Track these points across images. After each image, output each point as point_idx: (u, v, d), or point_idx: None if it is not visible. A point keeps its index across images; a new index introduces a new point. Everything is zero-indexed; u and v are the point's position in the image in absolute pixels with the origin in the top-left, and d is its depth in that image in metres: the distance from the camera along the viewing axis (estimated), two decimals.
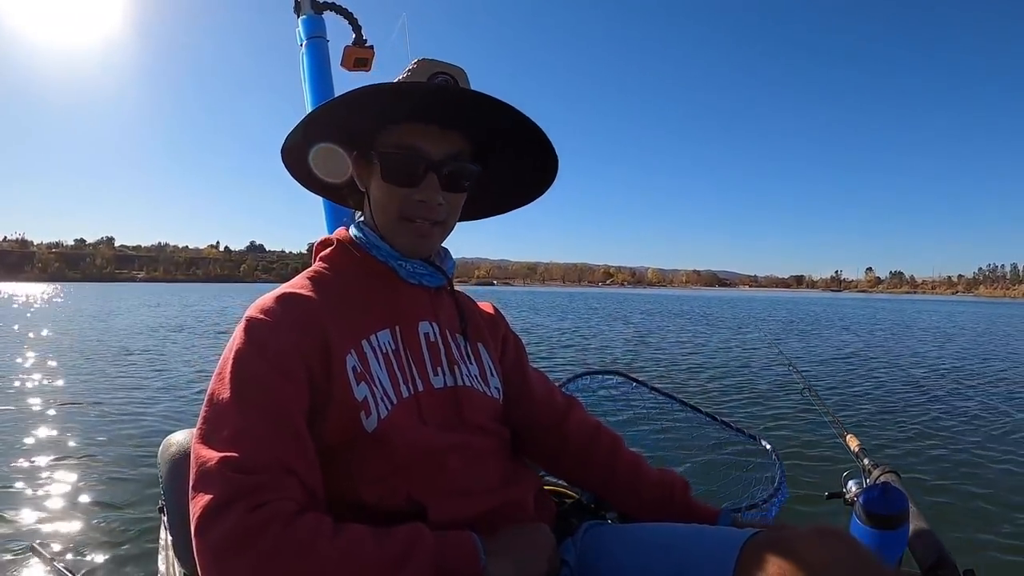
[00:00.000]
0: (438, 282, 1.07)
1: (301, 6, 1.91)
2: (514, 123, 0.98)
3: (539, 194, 1.16)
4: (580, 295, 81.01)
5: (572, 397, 1.29)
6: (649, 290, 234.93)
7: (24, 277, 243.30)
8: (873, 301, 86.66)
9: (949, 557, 0.95)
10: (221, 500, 0.73)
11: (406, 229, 0.99)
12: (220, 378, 0.84)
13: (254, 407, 0.81)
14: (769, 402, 7.28)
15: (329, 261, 1.04)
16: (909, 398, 8.05)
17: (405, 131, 0.96)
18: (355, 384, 0.90)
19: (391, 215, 0.98)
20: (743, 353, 12.86)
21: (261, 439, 0.79)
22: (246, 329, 0.87)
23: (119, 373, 8.69)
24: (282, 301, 0.91)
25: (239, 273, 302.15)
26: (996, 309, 56.06)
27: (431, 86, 0.95)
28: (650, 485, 1.18)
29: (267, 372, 0.84)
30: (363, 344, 0.93)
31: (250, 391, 0.82)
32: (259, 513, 0.72)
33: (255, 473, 0.75)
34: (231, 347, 0.87)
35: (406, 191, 0.96)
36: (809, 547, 0.77)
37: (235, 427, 0.79)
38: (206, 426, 0.80)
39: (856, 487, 1.28)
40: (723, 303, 51.35)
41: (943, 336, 19.33)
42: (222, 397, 0.82)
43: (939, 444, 5.51)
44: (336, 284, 0.99)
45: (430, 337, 1.03)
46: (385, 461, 0.91)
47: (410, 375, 0.97)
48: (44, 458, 4.37)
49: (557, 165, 1.06)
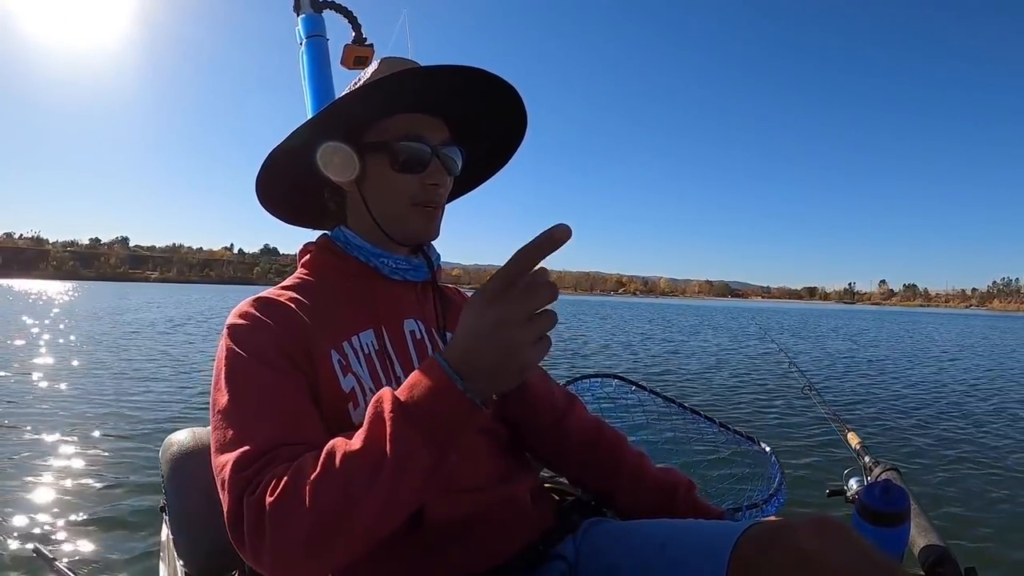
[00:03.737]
0: (422, 276, 1.06)
1: (301, 5, 1.91)
2: (489, 104, 1.04)
3: (507, 159, 1.20)
4: (589, 303, 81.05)
5: (573, 394, 1.27)
6: (661, 299, 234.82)
7: (38, 275, 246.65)
8: (885, 313, 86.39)
9: (950, 555, 0.94)
10: (234, 503, 0.74)
11: (418, 214, 1.00)
12: (216, 386, 0.85)
13: (248, 406, 0.82)
14: (770, 400, 7.28)
15: (308, 266, 1.05)
16: (911, 396, 8.04)
17: (402, 122, 0.98)
18: (342, 376, 0.90)
19: (402, 203, 0.99)
20: (744, 351, 12.87)
21: (256, 433, 0.79)
22: (228, 336, 0.89)
23: (121, 372, 8.74)
24: (257, 305, 0.92)
25: (252, 276, 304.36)
26: (1008, 323, 55.71)
27: (432, 69, 0.95)
28: (654, 484, 1.16)
29: (257, 369, 0.85)
30: (344, 345, 0.93)
31: (241, 392, 0.83)
32: (256, 496, 0.72)
33: (256, 463, 0.76)
34: (219, 355, 0.88)
35: (416, 177, 0.98)
36: (806, 537, 0.75)
37: (235, 431, 0.80)
38: (215, 436, 0.81)
39: (857, 484, 1.26)
40: (736, 313, 51.23)
41: (948, 342, 19.26)
42: (221, 405, 0.83)
43: (941, 442, 5.52)
44: (315, 288, 0.99)
45: (416, 335, 1.03)
46: None
47: (394, 374, 0.96)
48: (45, 458, 4.37)
49: (525, 127, 1.11)
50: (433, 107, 1.00)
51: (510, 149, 1.18)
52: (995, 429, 6.20)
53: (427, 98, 0.98)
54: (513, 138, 1.15)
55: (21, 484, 3.84)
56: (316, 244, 1.06)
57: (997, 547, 3.30)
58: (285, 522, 0.69)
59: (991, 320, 65.96)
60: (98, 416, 5.75)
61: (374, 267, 1.01)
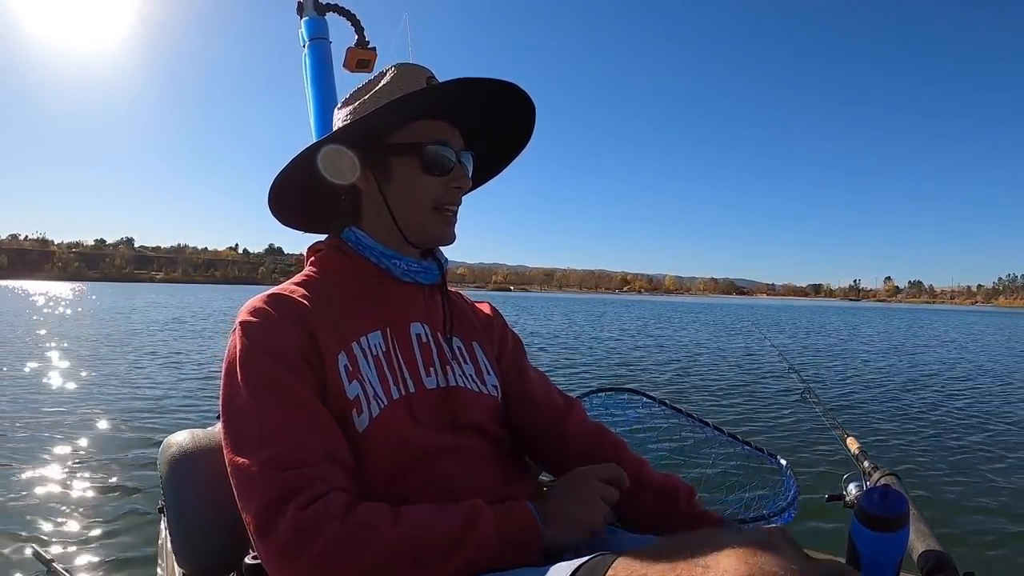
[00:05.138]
0: (433, 279, 1.07)
1: (303, 8, 1.92)
2: (502, 112, 1.08)
3: (511, 161, 1.22)
4: (592, 301, 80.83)
5: (572, 398, 1.27)
6: (666, 297, 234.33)
7: (43, 275, 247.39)
8: (890, 311, 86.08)
9: (950, 560, 0.93)
10: (272, 501, 0.73)
11: (439, 218, 1.02)
12: (230, 384, 0.85)
13: (274, 403, 0.82)
14: (768, 404, 7.25)
15: (318, 265, 1.04)
16: (911, 401, 8.00)
17: (429, 126, 1.00)
18: (347, 382, 0.89)
19: (426, 205, 1.01)
20: (742, 355, 12.81)
21: (294, 432, 0.79)
22: (242, 332, 0.88)
23: (121, 373, 8.76)
24: (270, 302, 0.92)
25: (257, 276, 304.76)
26: (1014, 320, 55.43)
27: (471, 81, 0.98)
28: (654, 490, 1.15)
29: (274, 368, 0.84)
30: (353, 346, 0.93)
31: (264, 389, 0.83)
32: (314, 508, 0.73)
33: (298, 467, 0.76)
34: (231, 352, 0.87)
35: (442, 180, 1.00)
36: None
37: (262, 427, 0.79)
38: (232, 434, 0.81)
39: (856, 489, 1.25)
40: (738, 311, 51.03)
41: (948, 342, 19.18)
42: (239, 402, 0.82)
43: (940, 447, 5.50)
44: (325, 287, 0.99)
45: (422, 338, 1.03)
46: (378, 462, 0.90)
47: (401, 377, 0.97)
48: (44, 459, 4.38)
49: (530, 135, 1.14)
50: (454, 113, 1.03)
51: (514, 152, 1.20)
52: (996, 433, 6.15)
53: (450, 106, 1.01)
54: (519, 143, 1.18)
55: (19, 484, 3.84)
56: (326, 243, 1.07)
57: (997, 552, 3.29)
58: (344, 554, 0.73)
59: (997, 317, 65.55)
60: (97, 416, 5.77)
61: (385, 268, 1.02)
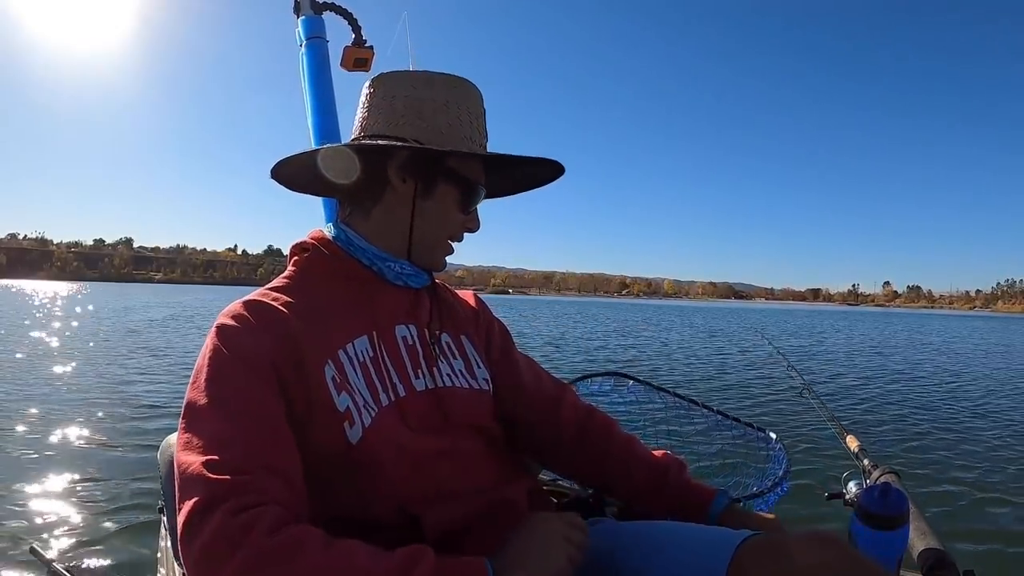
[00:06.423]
0: (423, 283, 1.06)
1: (301, 7, 1.92)
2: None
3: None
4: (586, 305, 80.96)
5: (563, 383, 1.27)
6: (664, 301, 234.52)
7: (42, 275, 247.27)
8: (889, 315, 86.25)
9: (949, 558, 0.93)
10: (204, 503, 0.71)
11: (445, 249, 1.04)
12: (195, 385, 0.83)
13: (232, 409, 0.80)
14: (768, 402, 7.26)
15: (303, 266, 1.01)
16: (910, 400, 8.03)
17: (475, 167, 1.02)
18: (336, 394, 0.88)
19: (445, 234, 1.02)
20: (740, 353, 12.84)
21: (241, 440, 0.77)
22: (217, 335, 0.86)
23: (121, 373, 8.74)
24: (250, 308, 0.89)
25: (256, 277, 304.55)
26: (1012, 325, 55.56)
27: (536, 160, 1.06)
28: (645, 466, 1.16)
29: (242, 374, 0.83)
30: (339, 354, 0.91)
31: (226, 394, 0.81)
32: (243, 516, 0.69)
33: (237, 474, 0.73)
34: (204, 353, 0.86)
35: (464, 217, 1.02)
36: (804, 552, 0.75)
37: (214, 430, 0.78)
38: (186, 433, 0.79)
39: (856, 488, 1.25)
40: (737, 314, 51.08)
41: (947, 345, 19.21)
42: (199, 403, 0.81)
43: (940, 445, 5.52)
44: (310, 291, 0.96)
45: (408, 340, 1.01)
46: (373, 472, 0.89)
47: (390, 382, 0.95)
48: (43, 459, 4.36)
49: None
50: (491, 160, 1.04)
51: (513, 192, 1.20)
52: (995, 433, 6.20)
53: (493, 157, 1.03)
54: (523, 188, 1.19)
55: (18, 484, 3.83)
56: (313, 243, 1.02)
57: (996, 550, 3.31)
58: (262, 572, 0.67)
59: (995, 322, 65.75)
60: (97, 417, 5.75)
61: (377, 271, 1.00)
